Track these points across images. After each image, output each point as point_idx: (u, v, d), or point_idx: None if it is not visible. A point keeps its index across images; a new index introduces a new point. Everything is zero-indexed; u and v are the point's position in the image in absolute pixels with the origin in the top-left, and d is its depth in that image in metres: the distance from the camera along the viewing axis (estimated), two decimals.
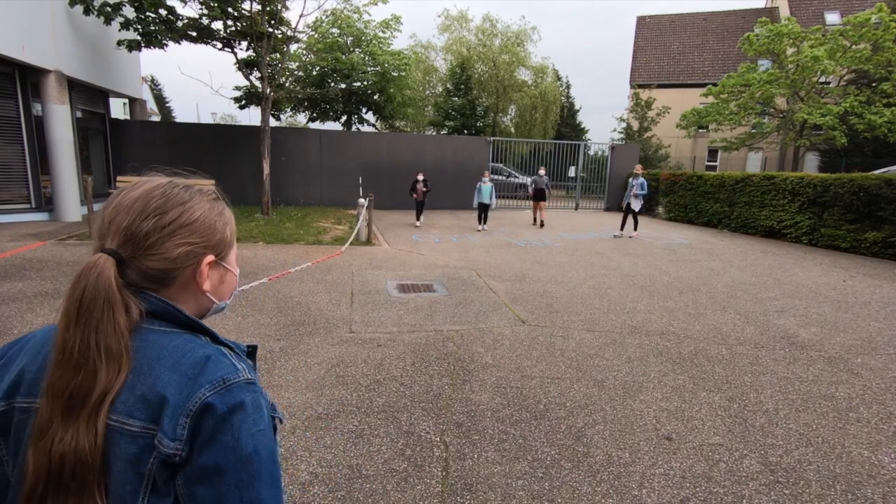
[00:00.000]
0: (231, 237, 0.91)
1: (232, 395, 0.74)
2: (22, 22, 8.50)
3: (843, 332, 4.90)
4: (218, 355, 0.78)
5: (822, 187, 10.01)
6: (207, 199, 0.87)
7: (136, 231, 0.77)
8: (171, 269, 0.80)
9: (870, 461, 2.71)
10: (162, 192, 0.81)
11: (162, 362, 0.75)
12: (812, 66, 19.23)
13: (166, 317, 0.79)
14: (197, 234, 0.83)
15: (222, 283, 0.91)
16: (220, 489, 0.70)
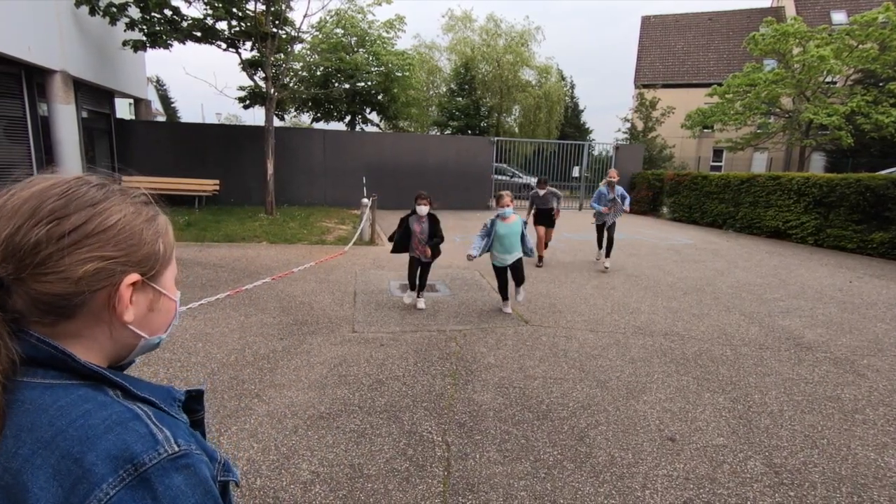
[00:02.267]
0: (165, 252, 0.69)
1: (152, 487, 0.53)
2: (28, 22, 8.55)
3: (848, 334, 4.86)
4: (127, 420, 0.57)
5: (829, 188, 9.94)
6: (131, 202, 0.67)
7: (20, 242, 0.57)
8: (73, 293, 0.59)
9: (876, 463, 2.68)
10: (62, 190, 0.61)
11: (35, 434, 0.54)
12: (818, 65, 19.12)
13: (54, 365, 0.58)
14: (113, 245, 0.62)
15: (152, 312, 0.68)
16: None
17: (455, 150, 16.08)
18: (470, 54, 26.13)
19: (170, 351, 3.91)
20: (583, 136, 32.01)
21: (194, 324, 4.57)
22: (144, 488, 0.52)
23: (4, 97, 9.38)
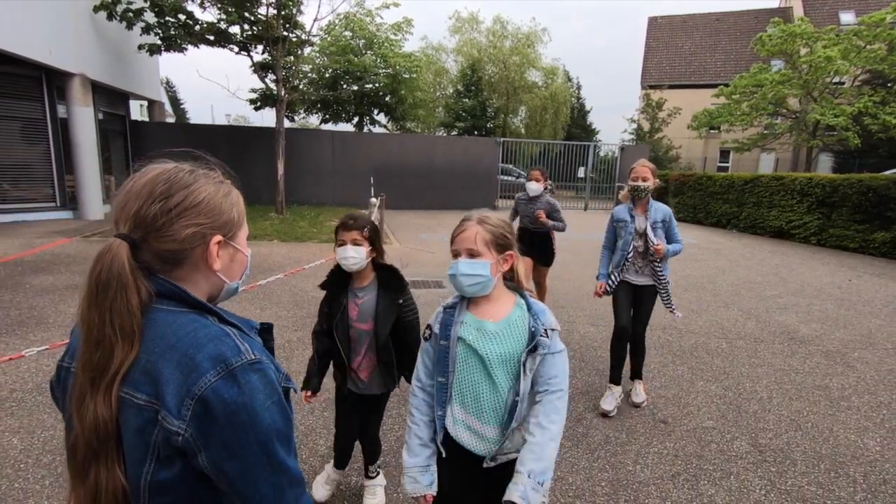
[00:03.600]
0: (239, 217, 0.92)
1: (237, 379, 0.76)
2: (49, 27, 8.86)
3: (843, 328, 5.00)
4: (221, 336, 0.80)
5: (831, 188, 10.04)
6: (213, 181, 0.89)
7: (144, 215, 0.80)
8: (180, 249, 0.83)
9: (856, 444, 2.85)
10: (167, 176, 0.84)
11: (165, 340, 0.78)
12: (825, 66, 19.13)
13: (174, 297, 0.82)
14: (203, 214, 0.84)
15: (232, 263, 0.92)
16: (246, 461, 0.76)
17: (461, 151, 16.29)
18: (476, 56, 26.35)
19: None
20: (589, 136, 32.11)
21: None
22: (232, 379, 0.76)
23: (26, 99, 9.72)
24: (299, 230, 10.20)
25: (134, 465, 0.77)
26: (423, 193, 15.41)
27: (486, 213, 1.50)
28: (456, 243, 1.46)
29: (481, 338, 1.42)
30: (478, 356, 1.42)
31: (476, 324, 1.45)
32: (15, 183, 9.70)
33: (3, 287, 5.37)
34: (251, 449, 0.77)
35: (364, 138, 16.33)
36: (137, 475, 0.77)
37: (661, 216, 3.22)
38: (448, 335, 1.46)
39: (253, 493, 0.79)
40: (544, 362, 1.41)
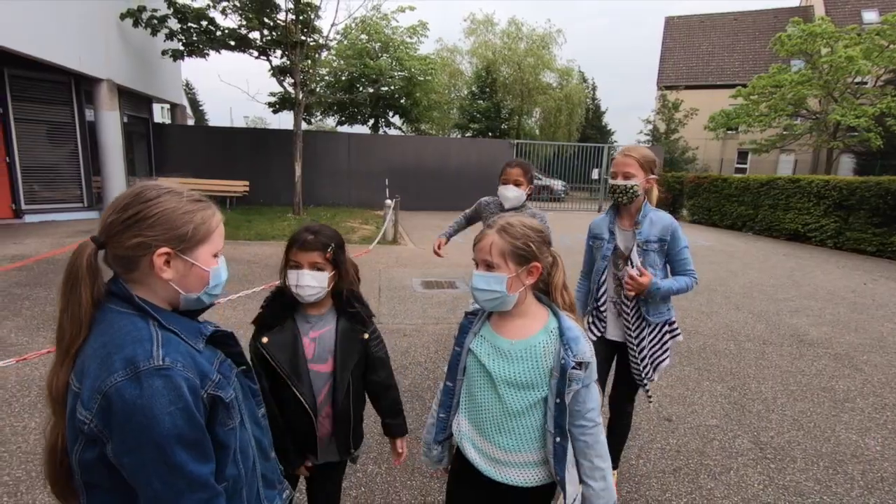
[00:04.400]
0: (199, 235, 0.98)
1: (140, 382, 0.83)
2: (78, 35, 9.20)
3: (853, 332, 5.02)
4: (143, 340, 0.88)
5: (849, 190, 9.95)
6: (179, 199, 0.97)
7: (107, 223, 0.93)
8: (129, 256, 0.93)
9: (856, 444, 2.92)
10: (136, 192, 0.95)
11: (102, 339, 0.89)
12: (846, 66, 18.83)
13: (123, 298, 0.93)
14: (151, 228, 0.93)
15: (187, 277, 0.98)
16: (141, 459, 0.83)
17: (476, 153, 16.41)
18: (491, 57, 26.45)
19: None
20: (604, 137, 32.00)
21: (235, 314, 5.00)
22: (136, 381, 0.84)
23: (56, 104, 10.10)
24: None
25: (70, 441, 0.90)
26: (437, 195, 15.56)
27: (512, 220, 1.38)
28: (475, 252, 1.40)
29: (493, 354, 1.36)
30: (487, 372, 1.35)
31: (491, 338, 1.38)
32: (45, 184, 10.08)
33: (38, 284, 5.65)
34: (147, 448, 0.83)
35: (379, 140, 16.55)
36: (71, 451, 0.89)
37: (657, 232, 2.16)
38: (462, 342, 1.43)
39: (146, 487, 0.85)
40: (578, 395, 1.31)
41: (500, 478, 1.36)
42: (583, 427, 1.33)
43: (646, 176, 2.17)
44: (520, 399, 1.33)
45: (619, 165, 2.18)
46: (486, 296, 1.35)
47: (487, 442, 1.38)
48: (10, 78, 9.16)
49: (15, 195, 9.53)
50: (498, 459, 1.37)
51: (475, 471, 1.39)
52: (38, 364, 3.64)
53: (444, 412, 1.50)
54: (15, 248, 7.33)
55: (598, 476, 1.34)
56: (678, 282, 2.17)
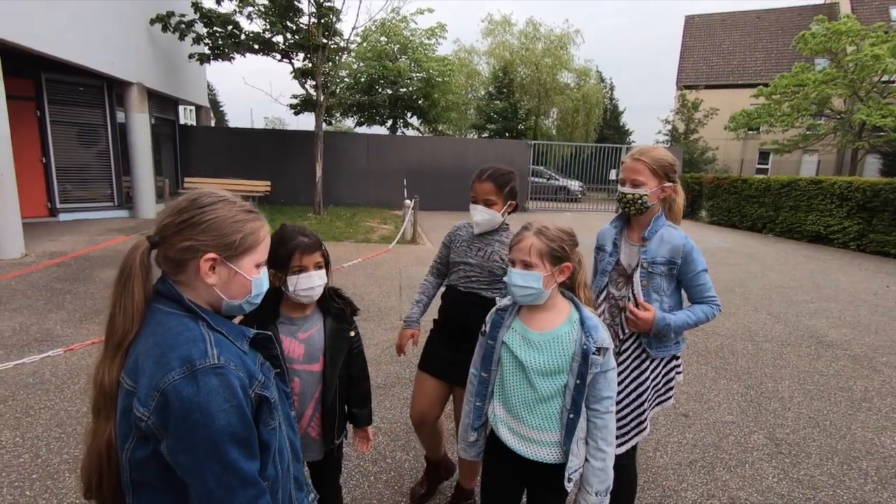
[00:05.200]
0: (245, 244, 1.01)
1: (197, 380, 0.86)
2: (111, 40, 9.56)
3: (873, 334, 5.02)
4: (197, 339, 0.91)
5: (872, 192, 9.81)
6: (232, 209, 1.01)
7: (162, 224, 0.98)
8: (178, 258, 0.96)
9: (871, 442, 2.98)
10: (192, 197, 1.00)
11: (154, 338, 0.92)
12: (873, 65, 18.46)
13: (172, 298, 0.96)
14: (203, 233, 0.96)
15: (230, 283, 1.01)
16: (196, 456, 0.85)
17: (493, 154, 16.50)
18: (509, 58, 26.48)
19: None
20: (622, 137, 31.79)
21: None
22: (193, 380, 0.87)
23: (89, 107, 10.49)
24: (336, 230, 10.64)
25: (121, 439, 0.92)
26: (454, 195, 15.67)
27: (546, 223, 1.53)
28: (512, 252, 1.53)
29: (524, 346, 1.51)
30: (519, 362, 1.50)
31: (522, 331, 1.53)
32: (78, 184, 10.47)
33: (77, 279, 5.93)
34: (202, 446, 0.85)
35: (398, 141, 16.74)
36: (122, 448, 0.92)
37: (665, 252, 1.84)
38: (495, 336, 1.57)
39: (202, 488, 0.87)
40: (596, 381, 1.46)
41: (530, 455, 1.52)
42: (596, 411, 1.49)
43: (660, 183, 1.84)
44: (549, 385, 1.49)
45: (626, 171, 1.89)
46: (523, 292, 1.49)
47: (519, 423, 1.53)
48: (46, 82, 9.55)
49: (50, 194, 9.92)
50: (528, 438, 1.52)
51: (507, 449, 1.55)
52: (84, 354, 3.88)
53: (480, 400, 1.65)
54: (52, 246, 7.66)
55: (600, 457, 1.49)
56: (693, 313, 1.83)
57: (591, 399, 1.48)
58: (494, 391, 1.61)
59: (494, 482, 1.66)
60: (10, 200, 6.70)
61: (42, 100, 9.54)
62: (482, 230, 2.10)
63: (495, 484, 1.65)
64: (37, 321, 4.51)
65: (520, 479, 1.61)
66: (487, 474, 1.68)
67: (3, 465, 2.48)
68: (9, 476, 2.41)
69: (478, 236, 2.13)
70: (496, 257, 2.05)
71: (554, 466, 1.51)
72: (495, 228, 2.10)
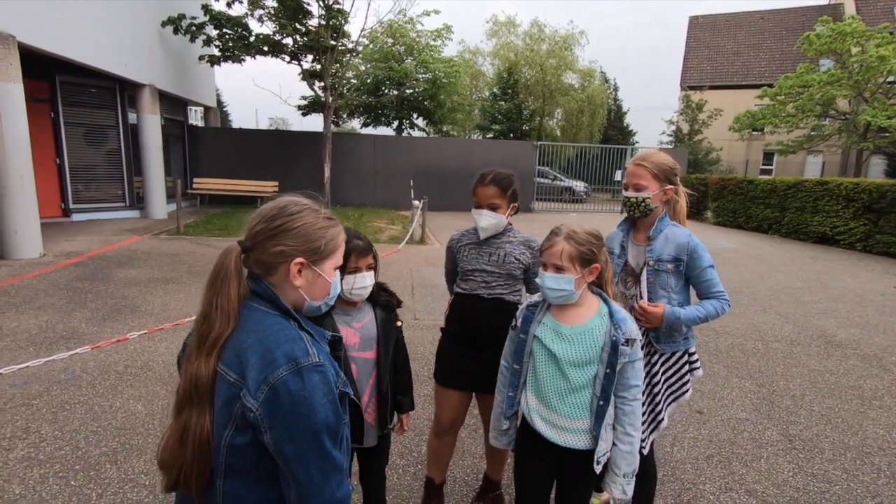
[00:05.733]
0: (330, 250, 1.09)
1: (302, 376, 0.94)
2: (125, 42, 9.68)
3: (882, 334, 5.09)
4: (297, 339, 0.99)
5: (878, 193, 9.86)
6: (317, 216, 1.09)
7: (254, 230, 1.05)
8: (270, 261, 1.04)
9: (883, 438, 3.05)
10: (281, 205, 1.08)
11: (256, 334, 0.99)
12: (878, 66, 18.48)
13: (268, 299, 1.03)
14: (293, 238, 1.04)
15: (313, 285, 1.09)
16: (301, 446, 0.94)
17: (499, 155, 16.58)
18: (513, 59, 26.57)
19: None
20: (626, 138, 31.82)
21: None
22: (299, 376, 0.94)
23: (102, 108, 10.62)
24: None
25: (219, 427, 0.98)
26: (460, 196, 15.66)
27: (574, 227, 1.61)
28: (544, 256, 1.62)
29: (557, 339, 1.60)
30: (552, 355, 1.60)
31: (553, 325, 1.63)
32: (90, 185, 10.60)
33: (96, 279, 6.04)
34: (306, 436, 0.93)
35: (404, 142, 16.84)
36: (220, 436, 0.98)
37: (671, 250, 1.94)
38: (527, 330, 1.67)
39: (304, 475, 0.95)
40: (624, 370, 1.56)
41: (562, 442, 1.61)
42: (624, 398, 1.59)
43: (661, 186, 1.95)
44: (581, 375, 1.58)
45: (629, 176, 2.00)
46: (556, 293, 1.60)
47: (551, 412, 1.63)
48: (60, 84, 9.68)
49: (64, 195, 10.05)
50: (560, 426, 1.61)
51: (539, 437, 1.65)
52: (111, 351, 3.98)
53: (512, 391, 1.75)
54: (68, 245, 7.78)
55: (628, 441, 1.59)
56: (703, 308, 1.91)
57: (619, 387, 1.57)
58: (527, 382, 1.70)
59: (527, 469, 1.74)
60: (29, 201, 6.82)
61: (56, 101, 9.67)
62: (488, 234, 2.09)
63: (528, 470, 1.74)
64: (62, 319, 4.62)
65: (551, 465, 1.70)
66: (520, 462, 1.78)
67: (46, 457, 2.58)
68: (52, 467, 2.51)
69: (485, 241, 2.11)
70: (511, 259, 2.07)
71: (584, 452, 1.61)
72: (501, 231, 2.10)
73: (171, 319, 4.76)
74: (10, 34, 6.48)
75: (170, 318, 4.82)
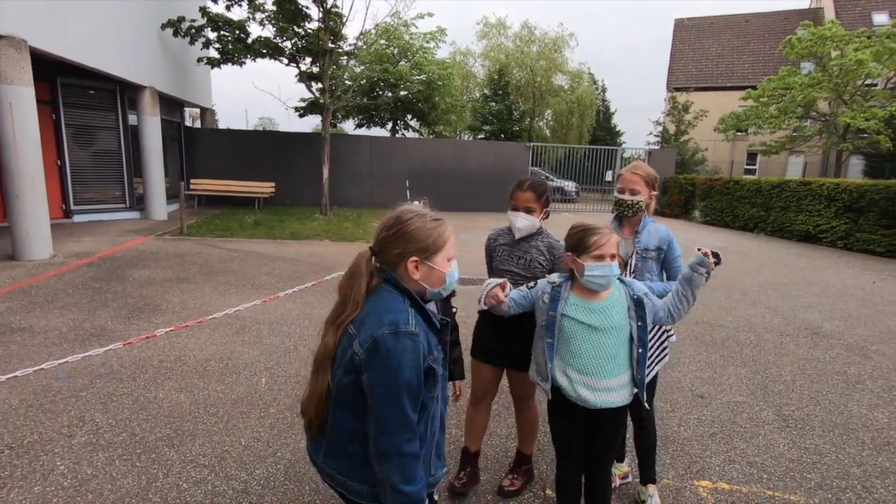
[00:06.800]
0: (438, 246, 1.33)
1: (398, 338, 1.19)
2: (127, 44, 9.76)
3: (864, 326, 5.46)
4: (404, 311, 1.25)
5: (858, 193, 10.33)
6: (424, 220, 1.33)
7: (378, 237, 1.34)
8: (392, 261, 1.31)
9: (866, 416, 3.37)
10: (396, 214, 1.35)
11: (375, 305, 1.29)
12: (856, 69, 19.13)
13: (393, 283, 1.32)
14: (406, 242, 1.30)
15: (430, 276, 1.34)
16: (386, 392, 1.19)
17: (494, 155, 16.88)
18: (504, 60, 26.90)
19: (288, 326, 4.85)
20: (613, 138, 32.35)
21: (294, 307, 5.50)
22: (395, 336, 1.21)
23: (103, 110, 10.68)
24: (346, 231, 10.93)
25: (336, 369, 1.28)
26: (456, 196, 16.03)
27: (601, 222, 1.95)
28: (604, 248, 1.82)
29: (591, 314, 1.85)
30: (589, 327, 1.85)
31: (584, 304, 1.87)
32: (91, 186, 10.65)
33: (111, 279, 6.18)
34: (391, 386, 1.17)
35: (400, 143, 17.05)
36: (335, 376, 1.29)
37: (654, 242, 2.38)
38: (556, 308, 1.90)
39: (383, 418, 1.19)
40: (650, 309, 1.94)
41: (603, 403, 1.83)
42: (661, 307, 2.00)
43: (649, 191, 2.38)
44: (618, 337, 1.86)
45: (627, 182, 2.37)
46: (612, 279, 1.86)
47: (594, 377, 1.84)
48: (62, 86, 9.73)
49: (65, 196, 10.10)
50: (602, 388, 1.84)
51: (574, 408, 1.89)
52: (143, 347, 4.16)
53: (550, 363, 1.94)
54: (76, 246, 7.88)
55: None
56: (671, 285, 2.31)
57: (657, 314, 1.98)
58: (564, 359, 1.90)
59: (565, 433, 2.00)
60: (40, 203, 6.93)
61: (58, 103, 9.73)
62: (523, 235, 2.34)
63: (566, 432, 1.99)
64: (87, 318, 4.78)
65: (585, 427, 1.95)
66: (558, 427, 2.01)
67: (107, 442, 2.78)
68: (115, 450, 2.71)
69: (516, 243, 2.37)
70: (535, 264, 2.33)
71: (618, 410, 1.88)
72: (535, 232, 2.35)
73: (194, 317, 4.95)
74: (23, 38, 6.58)
75: (191, 315, 5.00)
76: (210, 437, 2.88)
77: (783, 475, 2.69)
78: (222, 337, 4.47)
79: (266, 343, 4.38)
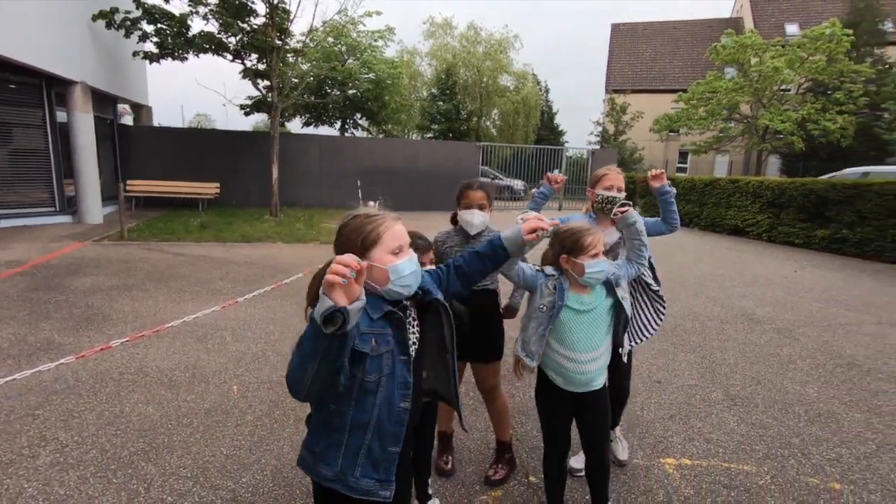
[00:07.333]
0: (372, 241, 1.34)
1: None
2: (54, 37, 9.08)
3: (790, 311, 6.04)
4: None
5: (779, 190, 11.32)
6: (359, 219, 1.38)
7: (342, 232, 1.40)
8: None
9: (800, 392, 3.78)
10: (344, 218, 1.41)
11: None
12: (773, 75, 20.87)
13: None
14: (344, 244, 1.35)
15: (373, 273, 1.32)
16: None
17: (444, 155, 17.04)
18: (451, 60, 27.15)
19: (252, 332, 4.74)
20: (556, 138, 33.38)
21: (256, 311, 5.38)
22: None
23: (27, 106, 9.88)
24: (298, 232, 10.72)
25: None
26: (408, 195, 16.06)
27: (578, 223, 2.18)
28: (598, 247, 1.97)
29: (583, 303, 2.02)
30: (580, 313, 2.01)
31: (576, 298, 2.03)
32: (14, 188, 9.83)
33: (50, 288, 5.78)
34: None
35: (349, 142, 16.86)
36: None
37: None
38: (563, 298, 2.00)
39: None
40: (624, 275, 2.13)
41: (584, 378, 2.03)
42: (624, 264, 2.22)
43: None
44: (603, 321, 2.07)
45: (614, 181, 2.64)
46: (606, 273, 2.02)
47: (582, 353, 2.01)
48: None
49: None
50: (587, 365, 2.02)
51: (557, 388, 2.08)
52: (98, 360, 3.95)
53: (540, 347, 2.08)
54: (4, 255, 7.28)
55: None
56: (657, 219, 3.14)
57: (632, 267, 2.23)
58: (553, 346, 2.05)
59: (553, 414, 2.17)
60: None
61: None
62: (477, 231, 2.49)
63: (553, 414, 2.16)
64: (30, 331, 4.47)
65: (571, 408, 2.12)
66: (545, 410, 2.19)
67: (76, 461, 2.65)
68: (87, 468, 2.59)
69: (467, 242, 2.50)
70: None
71: (601, 392, 2.09)
72: (484, 230, 2.51)
73: (150, 326, 4.74)
74: None
75: (147, 325, 4.79)
76: (188, 449, 2.81)
77: (736, 448, 2.98)
78: (183, 345, 4.32)
79: (231, 350, 4.28)
